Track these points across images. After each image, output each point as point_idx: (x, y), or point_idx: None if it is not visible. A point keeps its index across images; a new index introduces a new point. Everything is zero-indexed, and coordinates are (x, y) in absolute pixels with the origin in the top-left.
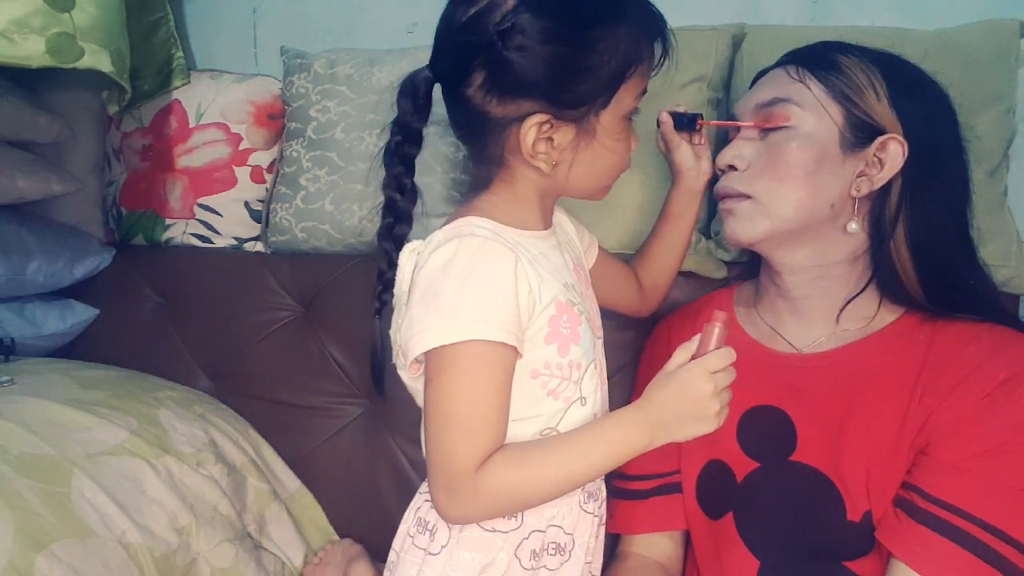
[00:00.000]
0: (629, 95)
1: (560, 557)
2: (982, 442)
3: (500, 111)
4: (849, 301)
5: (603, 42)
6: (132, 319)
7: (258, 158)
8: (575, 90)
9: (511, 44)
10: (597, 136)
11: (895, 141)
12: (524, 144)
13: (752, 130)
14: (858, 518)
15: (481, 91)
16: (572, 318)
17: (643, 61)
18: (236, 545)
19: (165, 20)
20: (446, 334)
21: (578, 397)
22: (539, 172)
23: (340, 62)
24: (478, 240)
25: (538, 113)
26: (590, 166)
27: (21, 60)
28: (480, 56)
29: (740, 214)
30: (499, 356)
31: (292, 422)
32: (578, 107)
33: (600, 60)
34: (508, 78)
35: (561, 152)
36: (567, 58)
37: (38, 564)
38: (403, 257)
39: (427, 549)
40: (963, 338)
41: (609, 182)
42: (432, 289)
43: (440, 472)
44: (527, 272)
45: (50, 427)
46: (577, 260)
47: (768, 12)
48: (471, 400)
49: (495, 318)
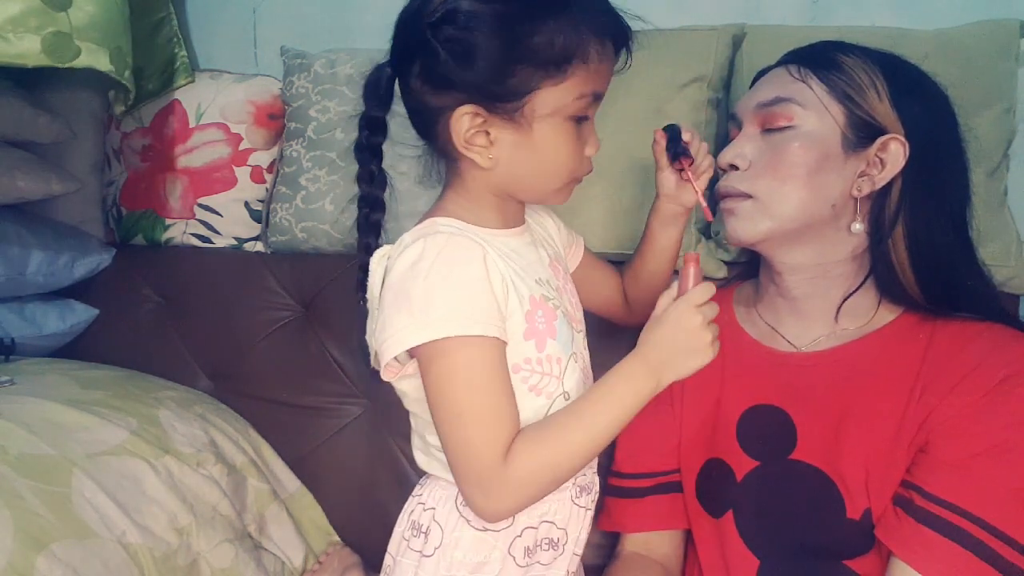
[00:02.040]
0: (569, 94)
1: (554, 552)
2: (982, 441)
3: (436, 102)
4: (847, 297)
5: (537, 36)
6: (132, 319)
7: (258, 158)
8: (503, 83)
9: (441, 35)
10: (533, 134)
11: (896, 141)
12: (456, 135)
13: (754, 129)
14: (858, 516)
15: (419, 82)
16: (547, 313)
17: (588, 61)
18: (236, 545)
19: (168, 19)
20: (418, 334)
21: (561, 392)
22: (482, 169)
23: (340, 62)
24: (443, 237)
25: (466, 104)
26: (529, 164)
27: (16, 59)
28: (417, 48)
29: (741, 214)
30: (481, 348)
31: (292, 422)
32: (508, 101)
33: (532, 54)
34: (438, 70)
35: (498, 147)
36: (496, 50)
37: (38, 564)
38: (374, 262)
39: (421, 551)
40: (962, 337)
41: (559, 184)
42: (402, 290)
43: (468, 472)
44: (497, 263)
45: (50, 427)
46: (555, 256)
47: (768, 12)
48: (472, 394)
49: (468, 312)
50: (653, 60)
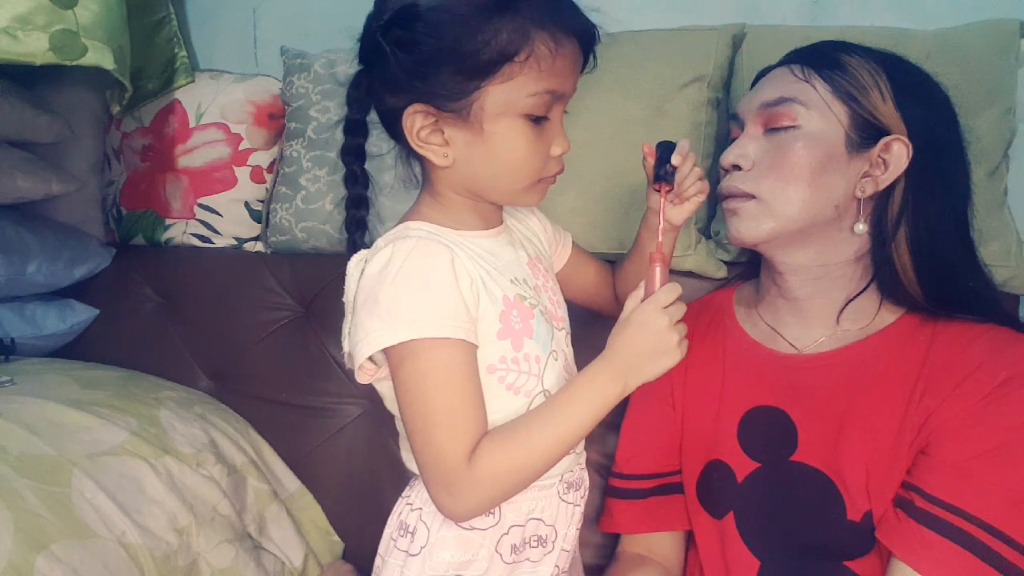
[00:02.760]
0: (519, 91)
1: (543, 548)
2: (983, 443)
3: (392, 102)
4: (849, 301)
5: (480, 33)
6: (132, 319)
7: (258, 158)
8: (447, 81)
9: (389, 37)
10: (484, 132)
11: (900, 142)
12: (408, 134)
13: (757, 129)
14: (858, 518)
15: (378, 83)
16: (523, 312)
17: (537, 57)
18: (236, 545)
19: (168, 20)
20: (385, 337)
21: (541, 391)
22: (443, 168)
23: (340, 62)
24: (411, 241)
25: (415, 103)
26: (486, 163)
27: (25, 57)
28: (372, 50)
29: (744, 214)
30: (449, 350)
31: (292, 422)
32: (454, 100)
33: (470, 54)
34: (388, 70)
35: (455, 147)
36: (439, 49)
37: (38, 564)
38: (351, 266)
39: (408, 551)
40: (963, 338)
41: (523, 184)
42: (372, 295)
43: (434, 473)
44: (467, 266)
45: (50, 427)
46: (536, 255)
47: (768, 12)
48: (439, 395)
49: (435, 315)
50: (653, 60)
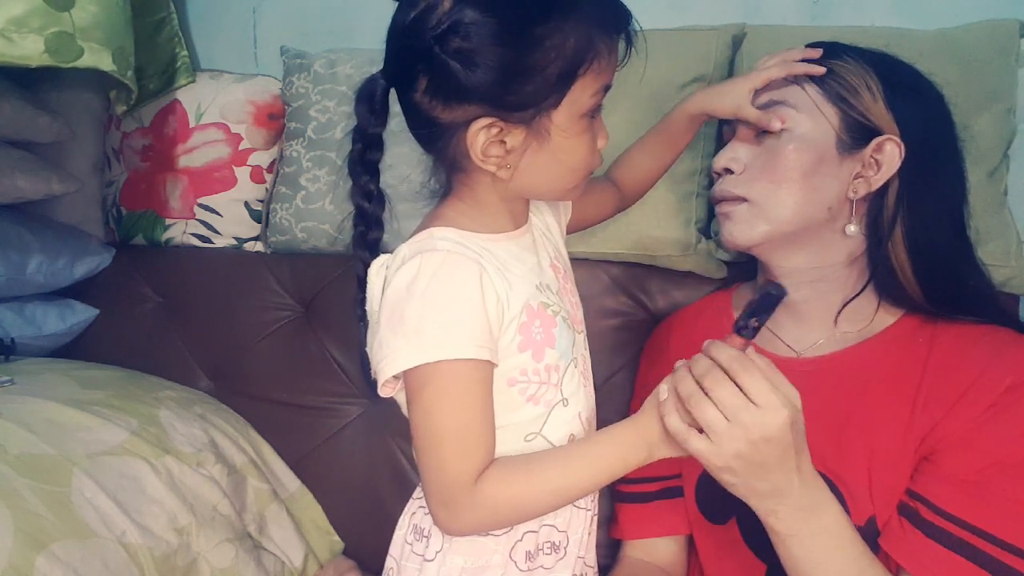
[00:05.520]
0: (584, 93)
1: (556, 555)
2: (991, 454)
3: (447, 116)
4: (847, 303)
5: (548, 40)
6: (132, 319)
7: (258, 158)
8: (520, 92)
9: (449, 48)
10: (552, 137)
11: (891, 142)
12: (472, 149)
13: (748, 132)
14: (862, 522)
15: (426, 97)
16: (545, 321)
17: (599, 57)
18: (236, 545)
19: (169, 19)
20: (412, 357)
21: (560, 399)
22: (495, 176)
23: (340, 62)
24: (440, 255)
25: (483, 117)
26: (547, 168)
27: (20, 59)
28: (421, 62)
29: (737, 218)
30: (471, 371)
31: (292, 422)
32: (526, 109)
33: (545, 59)
34: (449, 83)
35: (515, 155)
36: (508, 59)
37: (38, 564)
38: (372, 272)
39: (423, 555)
40: (964, 341)
41: (575, 182)
42: (397, 311)
43: (437, 489)
44: (494, 282)
45: (50, 427)
46: (555, 253)
47: (768, 12)
48: (454, 417)
49: (462, 336)
50: (653, 60)
